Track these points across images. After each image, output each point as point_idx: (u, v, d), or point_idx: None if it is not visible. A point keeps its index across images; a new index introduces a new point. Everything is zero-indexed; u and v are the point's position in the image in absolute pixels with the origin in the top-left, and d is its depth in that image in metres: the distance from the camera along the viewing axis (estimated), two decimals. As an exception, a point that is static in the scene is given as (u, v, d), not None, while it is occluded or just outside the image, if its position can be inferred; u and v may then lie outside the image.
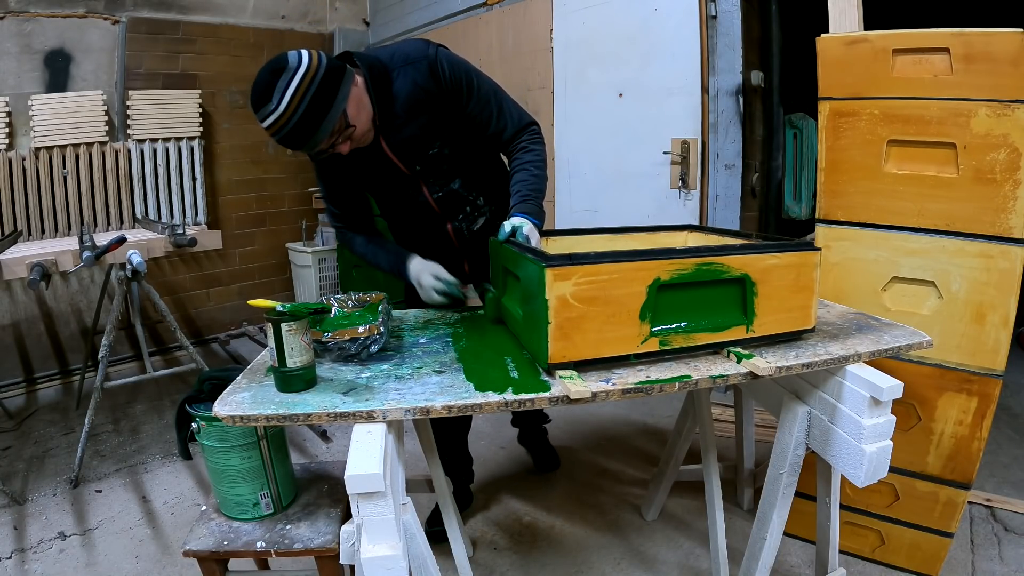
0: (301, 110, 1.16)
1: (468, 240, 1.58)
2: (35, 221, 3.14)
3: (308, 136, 1.20)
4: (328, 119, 1.20)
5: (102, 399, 2.19)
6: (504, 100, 1.45)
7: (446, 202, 1.51)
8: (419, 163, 1.44)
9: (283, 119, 1.16)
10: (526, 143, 1.45)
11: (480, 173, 1.54)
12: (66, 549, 1.81)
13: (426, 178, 1.47)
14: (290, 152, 4.12)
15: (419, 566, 1.04)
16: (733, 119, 2.50)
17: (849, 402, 1.08)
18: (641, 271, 1.02)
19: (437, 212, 1.52)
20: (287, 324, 0.98)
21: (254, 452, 1.20)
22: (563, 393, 0.95)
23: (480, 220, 1.57)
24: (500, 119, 1.43)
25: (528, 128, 1.46)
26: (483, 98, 1.41)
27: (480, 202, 1.56)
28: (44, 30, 3.10)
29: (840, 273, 1.56)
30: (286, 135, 1.19)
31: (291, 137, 1.20)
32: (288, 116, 1.16)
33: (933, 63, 1.39)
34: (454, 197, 1.51)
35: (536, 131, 1.47)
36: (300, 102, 1.16)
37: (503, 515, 1.95)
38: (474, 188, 1.53)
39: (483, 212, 1.57)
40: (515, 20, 3.19)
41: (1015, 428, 2.34)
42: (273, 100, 1.15)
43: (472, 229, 1.57)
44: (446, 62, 1.36)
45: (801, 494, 1.37)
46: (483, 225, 1.57)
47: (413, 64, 1.35)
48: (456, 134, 1.43)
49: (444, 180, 1.48)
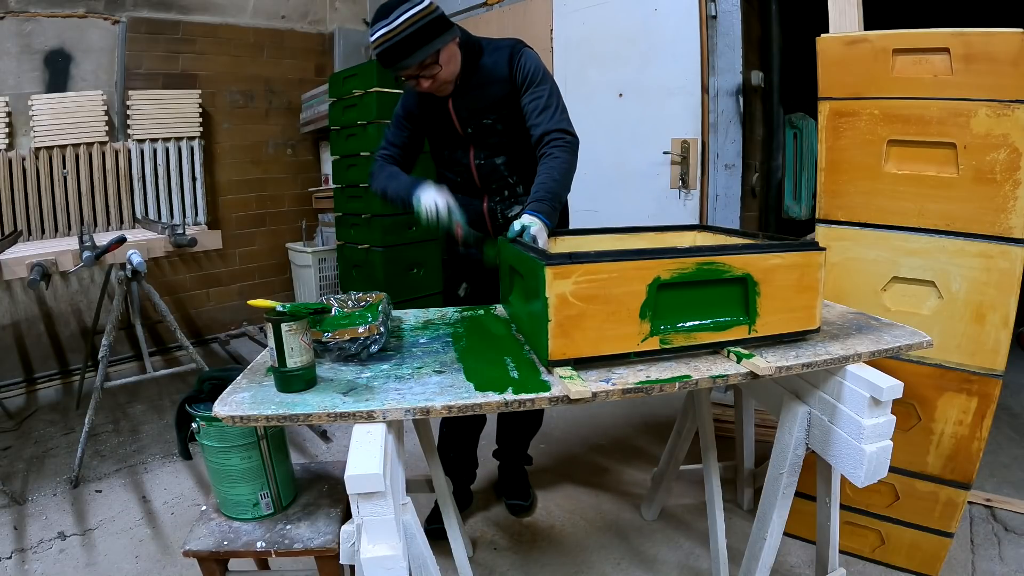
0: (409, 31, 1.37)
1: (501, 227, 1.62)
2: (35, 221, 3.14)
3: (405, 55, 1.39)
4: (425, 49, 1.39)
5: (102, 399, 2.19)
6: (556, 105, 1.53)
7: (486, 173, 1.61)
8: (472, 126, 1.57)
9: (392, 33, 1.36)
10: (557, 148, 1.48)
11: (525, 162, 1.59)
12: (66, 549, 1.81)
13: (475, 142, 1.59)
14: (290, 152, 4.16)
15: (419, 566, 1.04)
16: (733, 119, 2.50)
17: (849, 402, 1.08)
18: (641, 270, 1.02)
19: (477, 184, 1.63)
20: (287, 324, 0.98)
21: (254, 452, 1.20)
22: (563, 393, 0.95)
23: (515, 208, 1.63)
24: (539, 117, 1.51)
25: (563, 134, 1.49)
26: (538, 94, 1.52)
27: (519, 190, 1.63)
28: (44, 30, 3.10)
29: (840, 273, 1.56)
30: (388, 47, 1.38)
31: (389, 53, 1.39)
32: (397, 32, 1.36)
33: (933, 63, 1.39)
34: (495, 171, 1.61)
35: (571, 140, 1.50)
36: (411, 25, 1.37)
37: (503, 515, 1.95)
38: (515, 172, 1.61)
39: (520, 201, 1.63)
40: (515, 20, 3.19)
41: (1015, 428, 2.34)
42: (391, 16, 1.36)
43: (507, 215, 1.64)
44: (525, 56, 1.53)
45: (801, 494, 1.37)
46: (517, 213, 1.60)
47: (500, 50, 1.55)
48: (513, 117, 1.56)
49: (490, 151, 1.59)
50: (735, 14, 2.42)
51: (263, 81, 3.97)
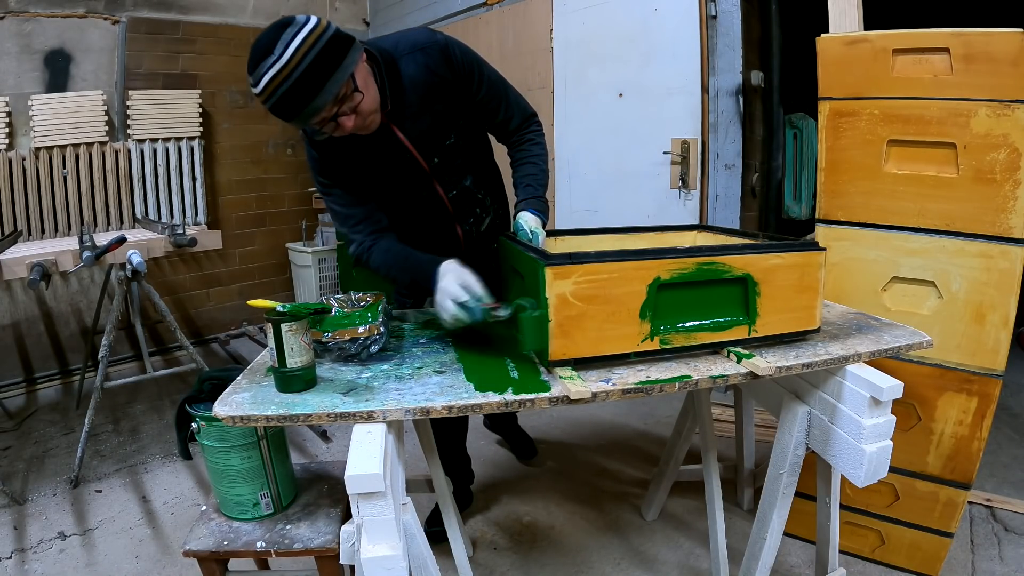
0: (306, 62, 1.05)
1: (475, 242, 1.57)
2: (35, 221, 3.14)
3: (311, 96, 1.07)
4: (334, 80, 1.08)
5: (102, 399, 2.19)
6: (509, 89, 1.45)
7: (459, 201, 1.48)
8: (437, 155, 1.37)
9: (285, 72, 1.04)
10: (532, 135, 1.46)
11: (485, 170, 1.56)
12: (66, 549, 1.81)
13: (441, 175, 1.41)
14: (290, 152, 4.16)
15: (419, 566, 1.04)
16: (733, 119, 2.50)
17: (849, 402, 1.08)
18: (641, 270, 1.02)
19: (450, 213, 1.48)
20: (287, 324, 0.98)
21: (254, 452, 1.20)
22: (563, 393, 0.95)
23: (487, 220, 1.58)
24: (508, 108, 1.43)
25: (533, 119, 1.48)
26: (493, 85, 1.38)
27: (488, 202, 1.57)
28: (44, 30, 3.10)
29: (840, 273, 1.56)
30: (285, 92, 1.05)
31: (291, 96, 1.06)
32: (291, 69, 1.04)
33: (933, 63, 1.39)
34: (466, 196, 1.49)
35: (539, 123, 1.49)
36: (306, 55, 1.05)
37: (503, 515, 1.95)
38: (482, 186, 1.53)
39: (489, 212, 1.58)
40: (515, 20, 3.19)
41: (1015, 428, 2.34)
42: (276, 51, 1.04)
43: (480, 231, 1.57)
44: (457, 48, 1.31)
45: (801, 494, 1.37)
46: (488, 226, 1.58)
47: (423, 50, 1.28)
48: (466, 125, 1.40)
49: (457, 176, 1.44)
50: (735, 14, 2.42)
51: (263, 81, 3.96)
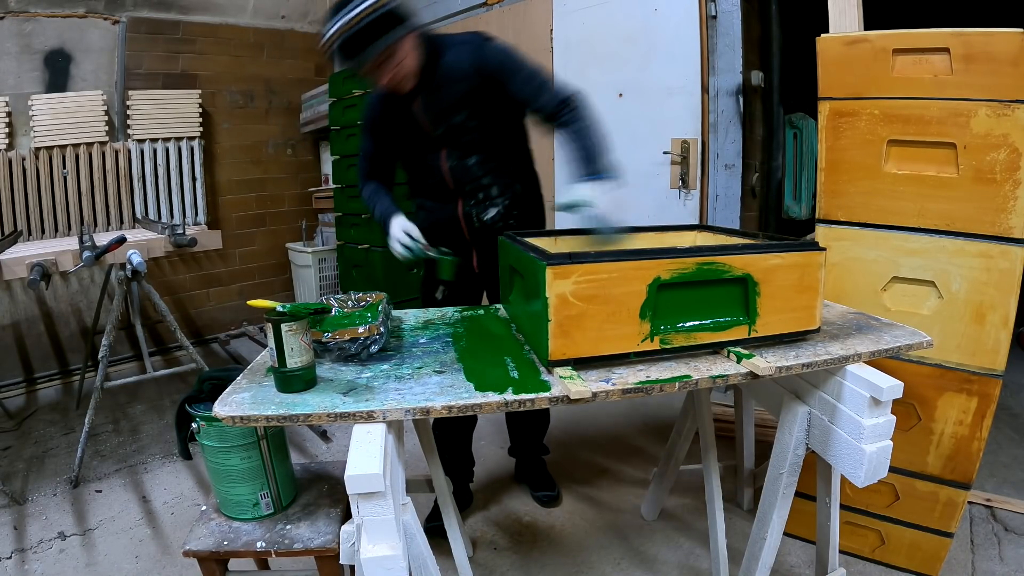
0: (364, 23, 1.35)
1: (479, 230, 1.63)
2: (35, 221, 3.14)
3: (361, 47, 1.38)
4: (383, 40, 1.38)
5: (102, 399, 2.19)
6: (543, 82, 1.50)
7: (458, 175, 1.58)
8: (442, 126, 1.54)
9: (347, 26, 1.35)
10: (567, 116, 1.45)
11: (500, 160, 1.59)
12: (66, 549, 1.81)
13: (447, 143, 1.56)
14: (290, 152, 4.16)
15: (419, 566, 1.04)
16: (733, 119, 2.50)
17: (849, 402, 1.08)
18: (641, 270, 1.02)
19: (450, 187, 1.60)
20: (287, 324, 0.98)
21: (254, 452, 1.20)
22: (563, 393, 0.95)
23: (491, 211, 1.62)
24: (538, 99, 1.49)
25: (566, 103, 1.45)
26: (525, 78, 1.49)
27: (493, 192, 1.61)
28: (44, 30, 3.10)
29: (840, 273, 1.56)
30: (350, 38, 1.36)
31: (347, 44, 1.37)
32: (352, 25, 1.35)
33: (933, 63, 1.39)
34: (467, 173, 1.58)
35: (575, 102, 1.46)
36: (366, 17, 1.35)
37: (503, 515, 1.95)
38: (489, 172, 1.59)
39: (495, 203, 1.61)
40: (515, 20, 3.19)
41: (1015, 428, 2.34)
42: (346, 9, 1.34)
43: (482, 218, 1.62)
44: (489, 47, 1.51)
45: (801, 494, 1.37)
46: (493, 216, 1.62)
47: (462, 45, 1.52)
48: (488, 113, 1.53)
49: (463, 151, 1.57)
50: (735, 14, 2.42)
51: (263, 81, 3.97)
